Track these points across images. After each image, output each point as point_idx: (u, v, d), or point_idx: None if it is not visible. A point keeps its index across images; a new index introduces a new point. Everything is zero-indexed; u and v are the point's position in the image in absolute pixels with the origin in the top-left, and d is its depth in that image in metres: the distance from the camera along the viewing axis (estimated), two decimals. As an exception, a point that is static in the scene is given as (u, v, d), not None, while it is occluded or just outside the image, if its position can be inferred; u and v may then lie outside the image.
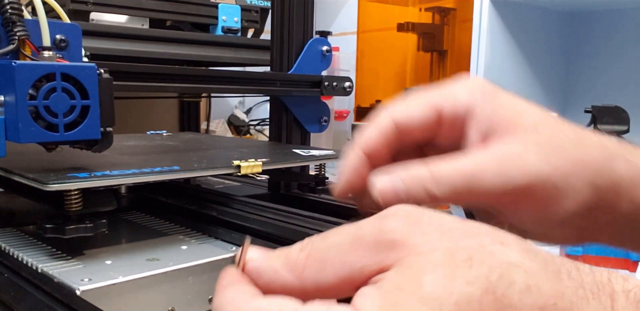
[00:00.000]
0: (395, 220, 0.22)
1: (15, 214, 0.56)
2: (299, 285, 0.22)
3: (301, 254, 0.23)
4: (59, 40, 0.42)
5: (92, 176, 0.41)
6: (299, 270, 0.22)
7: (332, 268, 0.22)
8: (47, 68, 0.39)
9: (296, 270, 0.22)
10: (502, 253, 0.20)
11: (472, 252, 0.20)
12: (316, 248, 0.23)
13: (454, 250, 0.20)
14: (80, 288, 0.36)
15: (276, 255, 0.24)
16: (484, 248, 0.20)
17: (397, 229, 0.21)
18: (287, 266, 0.23)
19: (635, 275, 0.75)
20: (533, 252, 0.21)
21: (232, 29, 1.13)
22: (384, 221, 0.22)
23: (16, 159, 0.47)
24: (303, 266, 0.22)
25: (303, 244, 0.23)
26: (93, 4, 0.95)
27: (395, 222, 0.22)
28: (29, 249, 0.44)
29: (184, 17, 1.10)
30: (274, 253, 0.24)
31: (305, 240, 0.24)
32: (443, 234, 0.21)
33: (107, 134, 0.43)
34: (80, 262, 0.41)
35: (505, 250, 0.20)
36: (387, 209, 0.23)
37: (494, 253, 0.20)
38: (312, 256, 0.23)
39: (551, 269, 0.20)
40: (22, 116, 0.38)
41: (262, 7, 1.20)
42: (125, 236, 0.49)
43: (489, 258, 0.20)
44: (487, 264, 0.20)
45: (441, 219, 0.22)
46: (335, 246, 0.22)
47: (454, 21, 1.64)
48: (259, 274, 0.23)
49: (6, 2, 0.40)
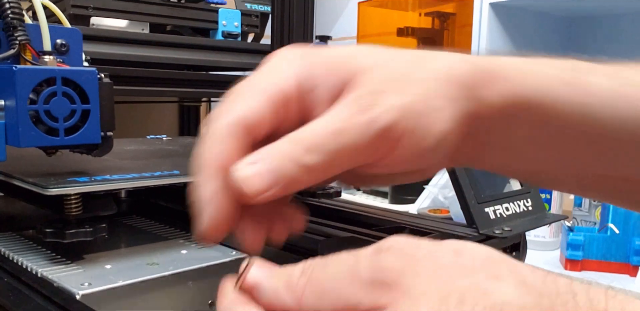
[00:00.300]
0: (391, 256, 0.22)
1: (15, 218, 0.56)
2: (297, 309, 0.23)
3: (302, 279, 0.24)
4: (60, 44, 0.42)
5: (92, 180, 0.41)
6: (298, 294, 0.23)
7: (329, 299, 0.23)
8: (48, 72, 0.39)
9: (296, 294, 0.23)
10: (496, 291, 0.20)
11: (465, 294, 0.20)
12: (316, 276, 0.24)
13: (446, 293, 0.20)
14: (80, 293, 0.36)
15: (278, 275, 0.25)
16: (477, 287, 0.20)
17: (391, 268, 0.22)
18: (288, 288, 0.24)
19: (636, 280, 0.75)
20: (528, 284, 0.20)
21: (232, 33, 1.13)
22: (379, 257, 0.22)
23: (16, 164, 0.47)
24: (302, 292, 0.23)
25: (305, 268, 0.24)
26: (93, 8, 0.95)
27: (391, 258, 0.22)
28: (28, 254, 0.44)
29: (184, 22, 1.10)
30: (277, 273, 0.25)
31: (307, 263, 0.24)
32: (436, 274, 0.21)
33: (108, 139, 0.43)
34: (80, 266, 0.41)
35: (500, 286, 0.20)
36: (383, 241, 0.23)
37: (488, 293, 0.20)
38: (312, 283, 0.23)
39: (546, 302, 0.20)
40: (22, 120, 0.38)
41: (262, 11, 1.20)
42: (125, 241, 0.49)
43: (482, 299, 0.20)
44: (480, 307, 0.20)
45: (435, 253, 0.22)
46: (333, 279, 0.23)
47: (453, 26, 1.65)
48: (259, 293, 0.24)
49: (7, 7, 0.40)
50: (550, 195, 0.89)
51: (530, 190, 0.55)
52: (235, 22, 1.14)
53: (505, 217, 0.51)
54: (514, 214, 0.52)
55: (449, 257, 0.22)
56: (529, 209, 0.54)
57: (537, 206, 0.55)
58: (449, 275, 0.21)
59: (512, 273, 0.21)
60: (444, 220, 0.54)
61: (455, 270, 0.21)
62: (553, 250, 0.89)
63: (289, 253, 0.42)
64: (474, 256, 0.22)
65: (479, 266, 0.21)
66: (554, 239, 0.90)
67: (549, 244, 0.89)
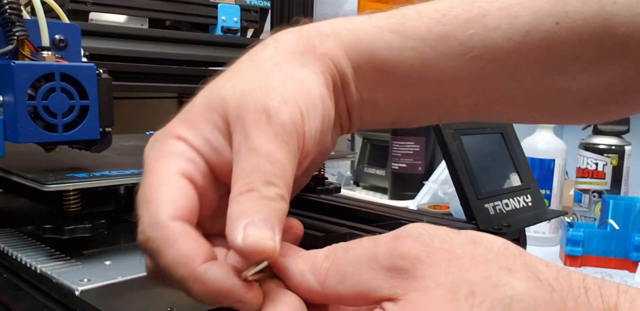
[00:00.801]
0: (408, 243, 0.23)
1: (14, 214, 0.56)
2: (321, 291, 0.24)
3: (325, 263, 0.25)
4: (58, 40, 0.42)
5: (91, 176, 0.41)
6: (322, 277, 0.24)
7: (350, 283, 0.24)
8: (46, 68, 0.39)
9: (319, 277, 0.25)
10: (507, 284, 0.20)
11: (476, 286, 0.21)
12: (338, 260, 0.25)
13: (458, 285, 0.21)
14: (79, 289, 0.36)
15: (304, 258, 0.26)
16: (488, 280, 0.21)
17: (408, 255, 0.23)
18: (312, 271, 0.25)
19: (635, 276, 0.75)
20: (541, 278, 0.21)
21: (232, 29, 1.13)
22: (397, 242, 0.23)
23: (15, 160, 0.47)
24: (325, 275, 0.24)
25: (328, 252, 0.25)
26: (92, 4, 0.94)
27: (408, 245, 0.23)
28: (27, 250, 0.44)
29: (183, 17, 1.09)
30: (303, 256, 0.26)
31: (330, 248, 0.26)
32: (450, 264, 0.22)
33: (106, 135, 0.43)
34: (79, 262, 0.41)
35: (511, 280, 0.20)
36: (403, 228, 0.24)
37: (498, 286, 0.20)
38: (334, 267, 0.24)
39: (557, 297, 0.20)
40: (20, 116, 0.38)
41: (261, 7, 1.19)
42: (124, 237, 0.49)
43: (492, 292, 0.20)
44: (489, 300, 0.20)
45: (452, 242, 0.23)
46: (354, 263, 0.24)
47: (453, 21, 1.64)
48: (287, 275, 0.25)
49: (5, 2, 0.40)
50: (550, 191, 0.89)
51: (530, 186, 0.55)
52: (235, 18, 1.14)
53: (505, 213, 0.51)
54: (513, 210, 0.52)
55: (465, 247, 0.22)
56: (528, 205, 0.54)
57: (537, 202, 0.55)
58: (462, 266, 0.21)
59: (526, 266, 0.21)
60: (444, 216, 0.54)
61: (470, 261, 0.22)
62: (553, 246, 0.89)
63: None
64: (490, 246, 0.22)
65: (493, 257, 0.22)
66: (554, 235, 0.90)
67: (548, 240, 0.89)
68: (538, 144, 0.90)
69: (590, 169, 0.91)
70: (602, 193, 0.90)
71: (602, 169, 0.91)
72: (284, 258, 0.26)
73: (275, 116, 0.27)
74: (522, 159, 0.56)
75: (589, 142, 0.92)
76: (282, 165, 0.26)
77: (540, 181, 0.88)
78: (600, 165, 0.91)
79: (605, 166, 0.90)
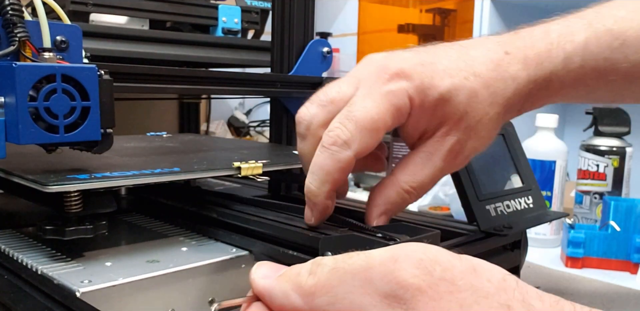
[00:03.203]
0: (407, 269, 0.22)
1: (15, 215, 0.56)
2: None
3: (310, 280, 0.24)
4: (60, 41, 0.42)
5: (92, 177, 0.41)
6: (309, 297, 0.23)
7: (341, 306, 0.22)
8: (48, 69, 0.39)
9: (306, 296, 0.23)
10: None
11: None
12: (326, 278, 0.23)
13: None
14: (80, 290, 0.36)
15: (286, 277, 0.25)
16: None
17: (408, 285, 0.22)
18: (298, 290, 0.24)
19: (636, 278, 0.75)
20: None
21: (232, 30, 1.13)
22: (395, 267, 0.22)
23: (16, 161, 0.47)
24: (312, 294, 0.23)
25: (312, 267, 0.24)
26: (93, 5, 0.95)
27: (407, 272, 0.22)
28: (28, 251, 0.44)
29: (184, 19, 1.09)
30: (285, 274, 0.25)
31: (314, 264, 0.24)
32: (452, 298, 0.21)
33: (107, 136, 0.43)
34: (80, 264, 0.41)
35: None
36: (400, 247, 0.23)
37: None
38: (322, 285, 0.23)
39: None
40: (22, 117, 0.38)
41: (262, 8, 1.19)
42: (125, 238, 0.49)
43: None
44: None
45: (452, 270, 0.22)
46: (346, 284, 0.23)
47: (454, 22, 1.64)
48: (270, 297, 0.25)
49: (7, 4, 0.40)
50: (551, 193, 0.89)
51: (531, 187, 0.55)
52: (235, 19, 1.14)
53: (506, 214, 0.51)
54: (515, 211, 0.52)
55: (466, 277, 0.22)
56: (529, 207, 0.54)
57: (538, 204, 0.55)
58: (464, 301, 0.21)
59: (523, 303, 0.21)
60: (445, 218, 0.54)
61: (471, 295, 0.21)
62: (554, 248, 0.89)
63: (288, 250, 0.42)
64: (490, 278, 0.22)
65: (493, 291, 0.21)
66: (555, 237, 0.90)
67: (549, 242, 0.89)
68: (539, 145, 0.89)
69: (592, 170, 0.91)
70: (603, 195, 0.90)
71: (603, 170, 0.90)
72: (264, 279, 0.25)
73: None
74: (524, 161, 0.56)
75: (590, 144, 0.92)
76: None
77: (541, 183, 0.88)
78: (601, 166, 0.90)
79: (606, 167, 0.90)
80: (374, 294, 0.22)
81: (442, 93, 0.37)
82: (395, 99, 0.36)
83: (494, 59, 0.39)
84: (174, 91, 0.56)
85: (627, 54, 0.40)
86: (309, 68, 0.68)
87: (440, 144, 0.38)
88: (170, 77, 0.54)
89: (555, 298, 0.22)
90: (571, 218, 0.93)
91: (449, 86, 0.37)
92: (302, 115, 0.39)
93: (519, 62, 0.39)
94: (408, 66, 0.37)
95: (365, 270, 0.23)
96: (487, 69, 0.38)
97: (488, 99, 0.38)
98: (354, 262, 0.23)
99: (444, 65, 0.38)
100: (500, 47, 0.40)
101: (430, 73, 0.37)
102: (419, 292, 0.21)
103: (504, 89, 0.38)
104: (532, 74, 0.39)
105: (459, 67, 0.38)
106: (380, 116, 0.36)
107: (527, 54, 0.40)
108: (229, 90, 0.60)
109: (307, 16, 0.68)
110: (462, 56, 0.39)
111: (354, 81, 0.38)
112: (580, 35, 0.41)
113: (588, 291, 0.67)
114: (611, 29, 0.41)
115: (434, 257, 0.22)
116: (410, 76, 0.37)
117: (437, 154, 0.38)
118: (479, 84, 0.37)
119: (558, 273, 0.75)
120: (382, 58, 0.39)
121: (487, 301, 0.21)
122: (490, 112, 0.38)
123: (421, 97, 0.37)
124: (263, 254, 0.44)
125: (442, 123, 0.38)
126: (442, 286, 0.21)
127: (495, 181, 0.52)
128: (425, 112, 0.37)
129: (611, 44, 0.40)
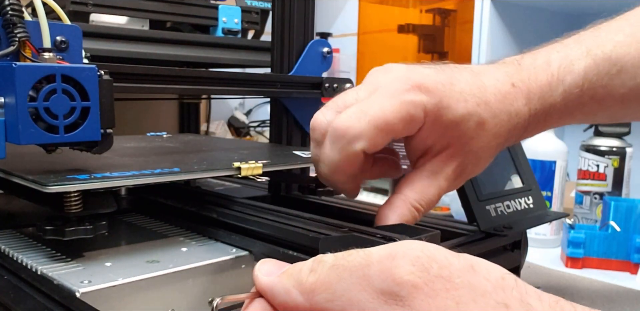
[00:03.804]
0: (405, 266, 0.22)
1: (15, 216, 0.56)
2: (309, 308, 0.24)
3: (310, 277, 0.24)
4: (60, 41, 0.42)
5: (92, 177, 0.41)
6: (309, 294, 0.24)
7: (340, 302, 0.23)
8: (48, 69, 0.39)
9: (306, 293, 0.24)
10: None
11: None
12: (326, 274, 0.24)
13: None
14: (80, 290, 0.36)
15: (288, 274, 0.25)
16: None
17: (405, 282, 0.22)
18: (298, 287, 0.24)
19: (636, 278, 0.75)
20: None
21: (232, 30, 1.13)
22: (393, 264, 0.22)
23: (16, 161, 0.47)
24: (313, 291, 0.24)
25: (313, 265, 0.24)
26: (93, 5, 0.94)
27: (404, 270, 0.22)
28: (28, 251, 0.44)
29: (183, 19, 1.09)
30: (286, 272, 0.25)
31: (315, 261, 0.25)
32: (448, 296, 0.21)
33: (107, 136, 0.43)
34: (80, 264, 0.41)
35: None
36: (398, 245, 0.23)
37: None
38: (322, 282, 0.23)
39: None
40: (22, 118, 0.38)
41: (262, 8, 1.19)
42: (125, 238, 0.49)
43: None
44: None
45: (449, 267, 0.22)
46: (344, 281, 0.23)
47: (454, 23, 1.64)
48: (272, 294, 0.25)
49: (7, 4, 0.40)
50: (552, 193, 0.89)
51: (531, 188, 0.55)
52: (236, 19, 1.14)
53: (506, 215, 0.51)
54: (515, 211, 0.52)
55: (464, 274, 0.22)
56: (530, 207, 0.54)
57: (538, 204, 0.55)
58: (461, 299, 0.21)
59: (521, 302, 0.21)
60: (445, 218, 0.54)
61: (468, 292, 0.21)
62: (554, 248, 0.89)
63: (288, 250, 0.42)
64: (488, 276, 0.22)
65: (491, 289, 0.21)
66: (555, 237, 0.90)
67: (549, 242, 0.89)
68: (539, 145, 0.89)
69: (592, 170, 0.91)
70: (604, 195, 0.90)
71: (604, 170, 0.90)
72: (267, 276, 0.25)
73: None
74: (524, 161, 0.56)
75: (590, 144, 0.92)
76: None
77: (541, 183, 0.88)
78: (601, 167, 0.90)
79: (606, 167, 0.90)
80: (371, 291, 0.22)
81: (456, 116, 0.38)
82: (413, 109, 0.37)
83: (502, 91, 0.40)
84: (174, 91, 0.56)
85: (624, 80, 0.41)
86: (309, 68, 0.68)
87: (445, 164, 0.40)
88: (170, 77, 0.54)
89: (555, 298, 0.22)
90: (571, 218, 0.93)
91: (464, 111, 0.38)
92: (318, 121, 0.40)
93: (524, 96, 0.40)
94: (430, 82, 0.38)
95: (363, 267, 0.23)
96: (496, 100, 0.39)
97: (493, 129, 0.39)
98: (352, 259, 0.23)
99: (460, 88, 0.39)
100: (509, 78, 0.41)
101: (449, 94, 0.38)
102: (414, 289, 0.21)
103: (507, 122, 0.40)
104: (532, 108, 0.41)
105: (473, 92, 0.39)
106: (395, 119, 0.37)
107: (530, 87, 0.41)
108: (229, 90, 0.60)
109: (307, 16, 0.68)
110: (475, 82, 0.40)
111: (371, 88, 0.39)
112: (579, 64, 0.42)
113: (588, 292, 0.67)
114: (610, 56, 0.41)
115: (431, 254, 0.22)
116: (431, 92, 0.38)
117: (442, 173, 0.40)
118: (488, 113, 0.39)
119: (558, 273, 0.75)
120: (404, 69, 0.39)
121: (484, 299, 0.21)
122: (493, 142, 0.40)
123: (436, 115, 0.38)
124: (263, 254, 0.44)
125: (449, 145, 0.39)
126: (439, 283, 0.21)
127: (496, 181, 0.52)
128: (435, 130, 0.39)
129: (609, 71, 0.41)
